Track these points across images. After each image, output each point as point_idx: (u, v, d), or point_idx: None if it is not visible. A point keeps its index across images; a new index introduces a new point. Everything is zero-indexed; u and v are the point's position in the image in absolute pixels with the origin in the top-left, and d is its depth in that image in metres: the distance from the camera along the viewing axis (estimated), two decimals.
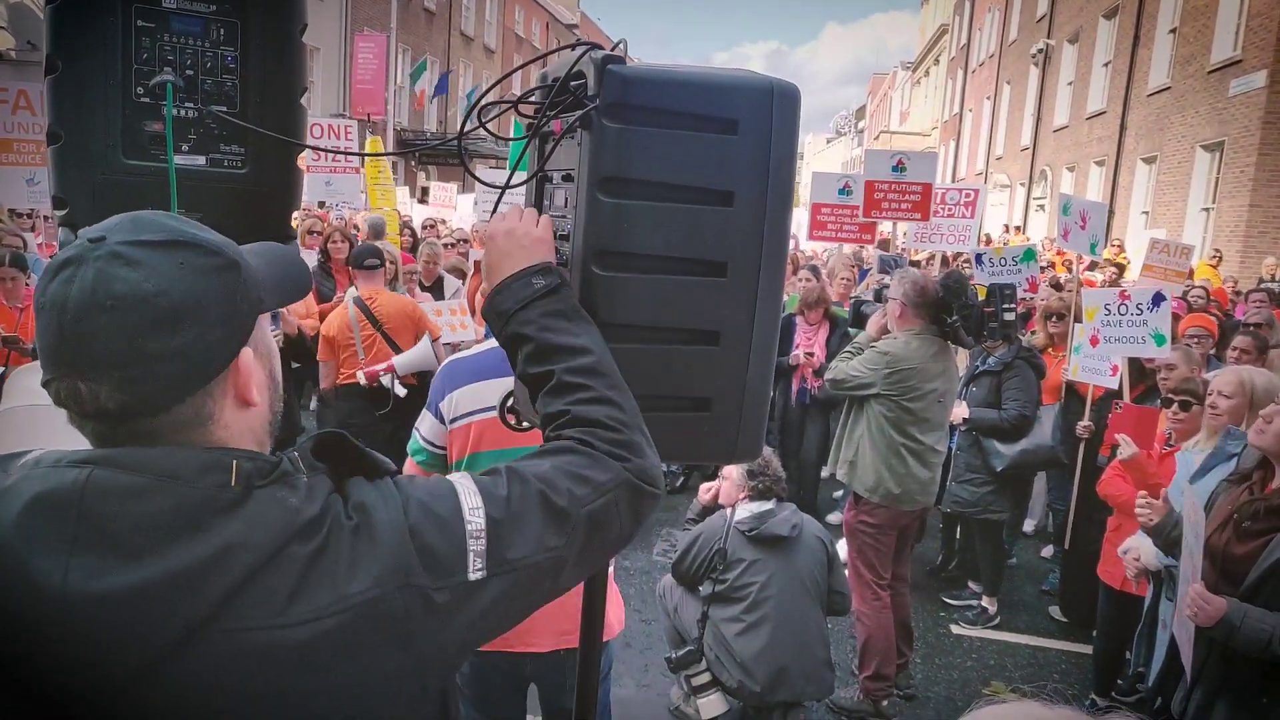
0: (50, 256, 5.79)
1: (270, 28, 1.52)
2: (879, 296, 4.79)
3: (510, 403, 1.72)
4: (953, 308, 4.12)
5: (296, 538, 0.93)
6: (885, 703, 4.28)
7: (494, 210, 1.44)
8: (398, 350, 5.45)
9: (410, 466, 2.59)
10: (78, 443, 0.98)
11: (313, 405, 7.57)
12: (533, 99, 1.45)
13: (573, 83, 1.37)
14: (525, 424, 1.71)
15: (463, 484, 1.08)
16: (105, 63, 1.39)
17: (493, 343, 2.50)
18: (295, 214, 1.92)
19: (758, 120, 1.38)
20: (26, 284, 5.57)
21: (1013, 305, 4.46)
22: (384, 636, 0.96)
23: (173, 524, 0.89)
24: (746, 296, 1.41)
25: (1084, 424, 5.32)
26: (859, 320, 4.97)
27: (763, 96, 1.38)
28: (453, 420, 2.47)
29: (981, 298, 4.41)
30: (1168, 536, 3.16)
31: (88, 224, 1.42)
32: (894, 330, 4.28)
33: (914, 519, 4.46)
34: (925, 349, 4.16)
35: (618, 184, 1.34)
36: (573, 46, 1.41)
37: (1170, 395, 4.28)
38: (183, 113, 1.45)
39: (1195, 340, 5.56)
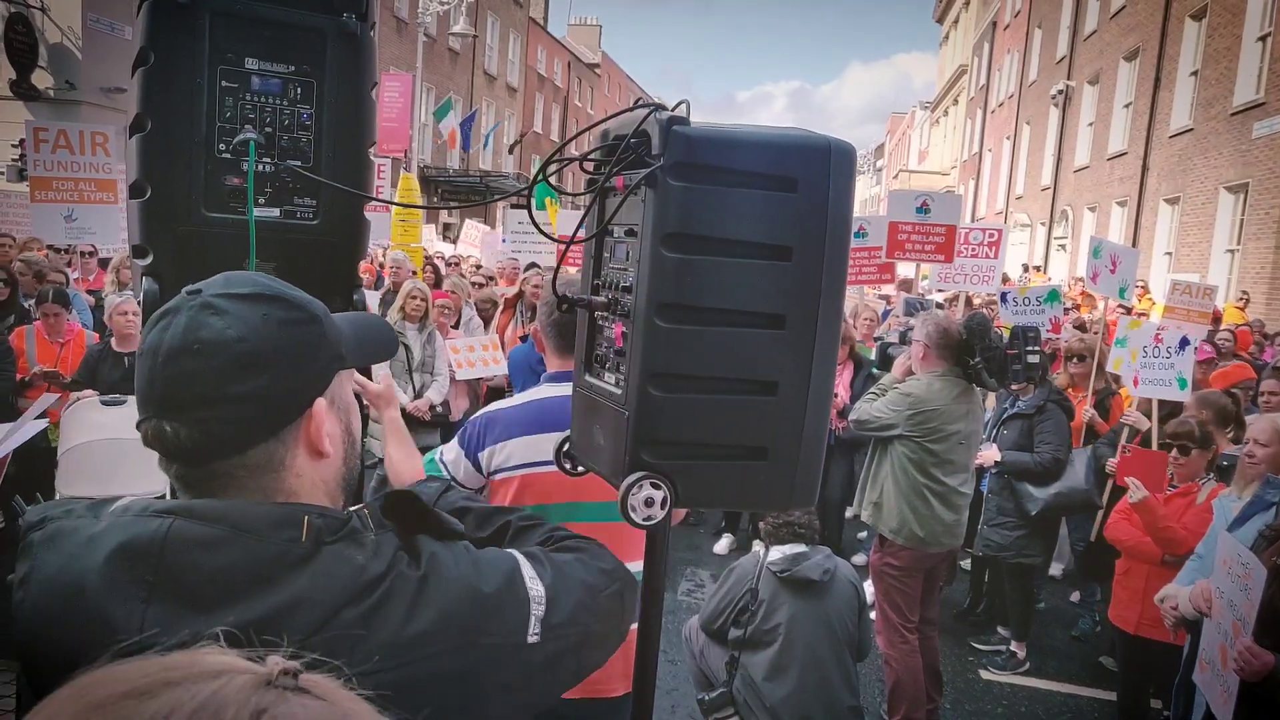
0: (87, 292, 5.90)
1: (343, 87, 1.58)
2: (904, 339, 4.83)
3: (566, 448, 1.76)
4: (975, 349, 4.14)
5: (361, 594, 0.96)
6: None
7: (559, 258, 1.49)
8: None
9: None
10: (152, 473, 1.03)
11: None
12: (593, 156, 1.51)
13: (633, 140, 1.42)
14: (580, 469, 1.75)
15: (518, 554, 1.19)
16: (191, 121, 1.46)
17: (530, 395, 2.52)
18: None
19: (815, 178, 1.42)
20: (69, 320, 5.68)
21: (1038, 348, 4.46)
22: (449, 690, 0.99)
23: (244, 578, 0.92)
24: (804, 348, 1.45)
25: (1114, 461, 5.30)
26: (885, 362, 5.00)
27: (820, 155, 1.43)
28: (495, 472, 2.45)
29: (1006, 339, 4.42)
30: None
31: (170, 274, 1.49)
32: (917, 372, 4.30)
33: (941, 561, 4.45)
34: (948, 391, 4.18)
35: (681, 240, 1.38)
36: (633, 107, 1.46)
37: (1169, 440, 4.31)
38: (261, 168, 1.52)
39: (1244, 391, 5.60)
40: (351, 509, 1.05)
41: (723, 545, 6.92)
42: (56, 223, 8.51)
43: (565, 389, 2.48)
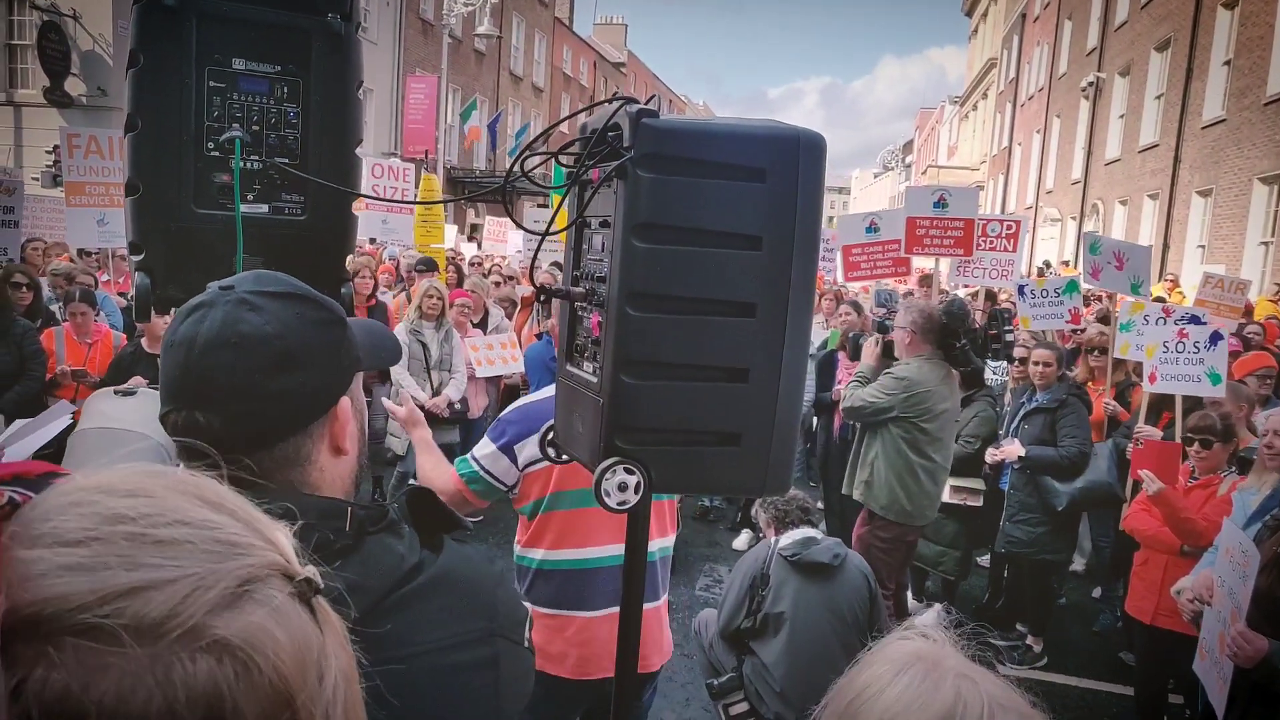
0: (119, 294, 6.01)
1: (329, 85, 1.63)
2: (882, 328, 5.02)
3: (550, 436, 1.79)
4: (959, 332, 4.46)
5: (402, 582, 1.01)
6: None
7: (535, 253, 1.53)
8: None
9: (458, 486, 2.64)
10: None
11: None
12: (572, 150, 1.54)
13: (610, 134, 1.46)
14: (564, 457, 1.78)
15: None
16: (180, 120, 1.51)
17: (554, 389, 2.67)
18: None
19: (785, 168, 1.45)
20: (95, 320, 5.82)
21: (1012, 327, 4.88)
22: (475, 676, 1.04)
23: None
24: (775, 335, 1.47)
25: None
26: (857, 353, 5.15)
27: (789, 146, 1.45)
28: (528, 465, 2.57)
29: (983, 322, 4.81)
30: None
31: (161, 268, 1.54)
32: (902, 357, 4.59)
33: (919, 533, 4.80)
34: (936, 372, 4.48)
35: (651, 230, 1.41)
36: (610, 100, 1.50)
37: (1190, 434, 4.29)
38: (249, 165, 1.57)
39: (1263, 380, 5.51)
40: (385, 503, 1.09)
41: (741, 541, 6.92)
42: (90, 227, 8.71)
43: None
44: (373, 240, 11.66)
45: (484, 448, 2.63)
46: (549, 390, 2.71)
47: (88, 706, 0.50)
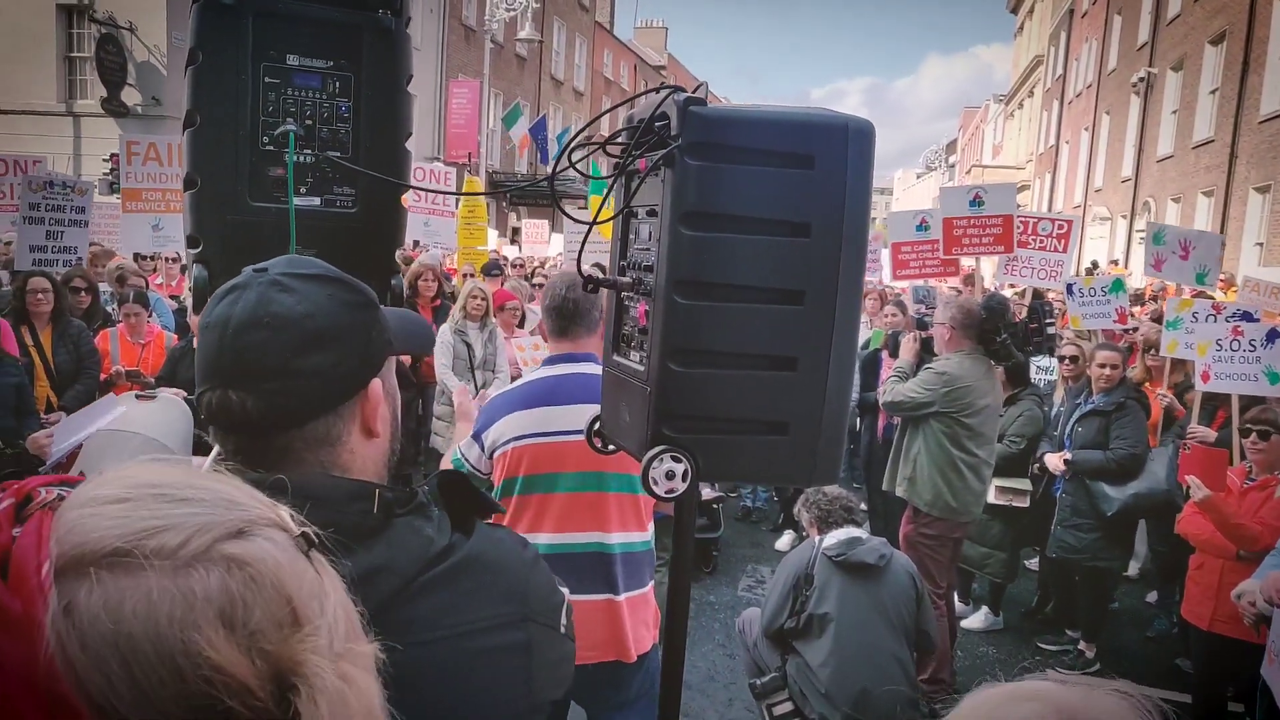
0: (170, 297, 6.14)
1: (380, 79, 1.65)
2: (921, 324, 4.98)
3: (597, 426, 1.80)
4: (999, 327, 4.46)
5: (432, 564, 1.01)
6: (940, 704, 4.33)
7: (582, 243, 1.53)
8: None
9: None
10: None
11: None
12: (619, 140, 1.54)
13: (657, 124, 1.46)
14: (610, 447, 1.79)
15: None
16: (236, 115, 1.55)
17: (525, 378, 2.80)
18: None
19: (833, 155, 1.44)
20: (149, 321, 5.96)
21: (1053, 320, 4.87)
22: (506, 661, 1.04)
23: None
24: (824, 323, 1.47)
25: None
26: (897, 349, 5.08)
27: (838, 133, 1.44)
28: (493, 450, 2.66)
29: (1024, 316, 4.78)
30: None
31: (218, 260, 1.58)
32: (942, 353, 4.57)
33: (965, 530, 4.73)
34: (977, 368, 4.47)
35: (699, 218, 1.41)
36: (658, 90, 1.50)
37: (1248, 425, 4.16)
38: (301, 159, 1.60)
39: None
40: (414, 486, 1.10)
41: (784, 542, 6.88)
42: (144, 232, 8.95)
43: (557, 369, 2.68)
44: (416, 244, 11.80)
45: (469, 445, 2.74)
46: (518, 382, 2.85)
47: (124, 613, 0.63)
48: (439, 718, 0.99)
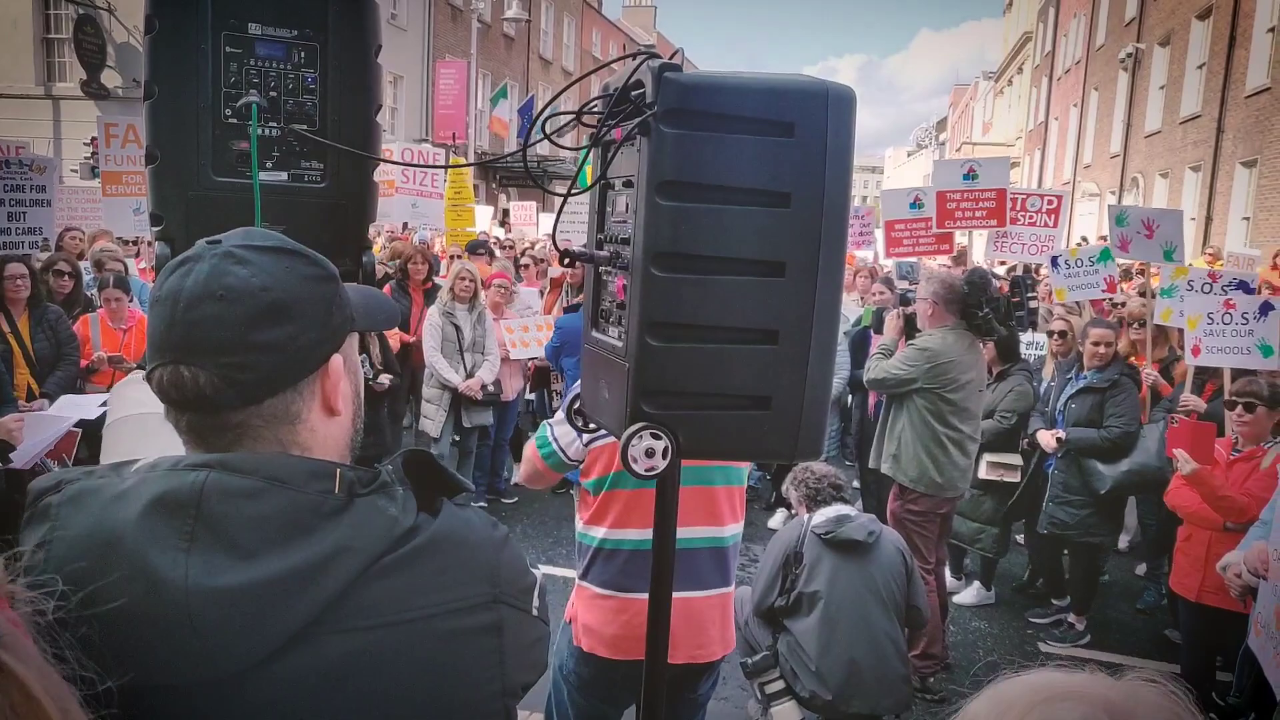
0: (152, 281, 6.05)
1: (347, 50, 1.60)
2: (905, 300, 4.97)
3: (577, 405, 1.76)
4: (981, 302, 4.41)
5: (397, 544, 0.97)
6: (932, 679, 4.54)
7: (557, 218, 1.49)
8: None
9: (531, 454, 2.68)
10: (176, 448, 1.03)
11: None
12: (594, 109, 1.50)
13: (633, 92, 1.41)
14: (591, 425, 1.76)
15: None
16: (197, 87, 1.49)
17: None
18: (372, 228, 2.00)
19: (814, 122, 1.39)
20: (130, 306, 5.88)
21: (1035, 294, 4.83)
22: (477, 643, 1.01)
23: (284, 526, 0.93)
24: (805, 296, 1.43)
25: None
26: (882, 326, 5.07)
27: (818, 99, 1.40)
28: (593, 441, 2.56)
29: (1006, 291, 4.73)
30: None
31: (181, 237, 1.53)
32: (925, 328, 4.56)
33: (953, 505, 4.71)
34: (960, 343, 4.45)
35: (676, 188, 1.37)
36: (633, 56, 1.45)
37: (1234, 398, 4.17)
38: (267, 132, 1.54)
39: None
40: (378, 465, 1.05)
41: (776, 520, 6.88)
42: (126, 215, 8.83)
43: None
44: (405, 226, 11.69)
45: (562, 425, 2.60)
46: None
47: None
48: (407, 702, 0.96)
